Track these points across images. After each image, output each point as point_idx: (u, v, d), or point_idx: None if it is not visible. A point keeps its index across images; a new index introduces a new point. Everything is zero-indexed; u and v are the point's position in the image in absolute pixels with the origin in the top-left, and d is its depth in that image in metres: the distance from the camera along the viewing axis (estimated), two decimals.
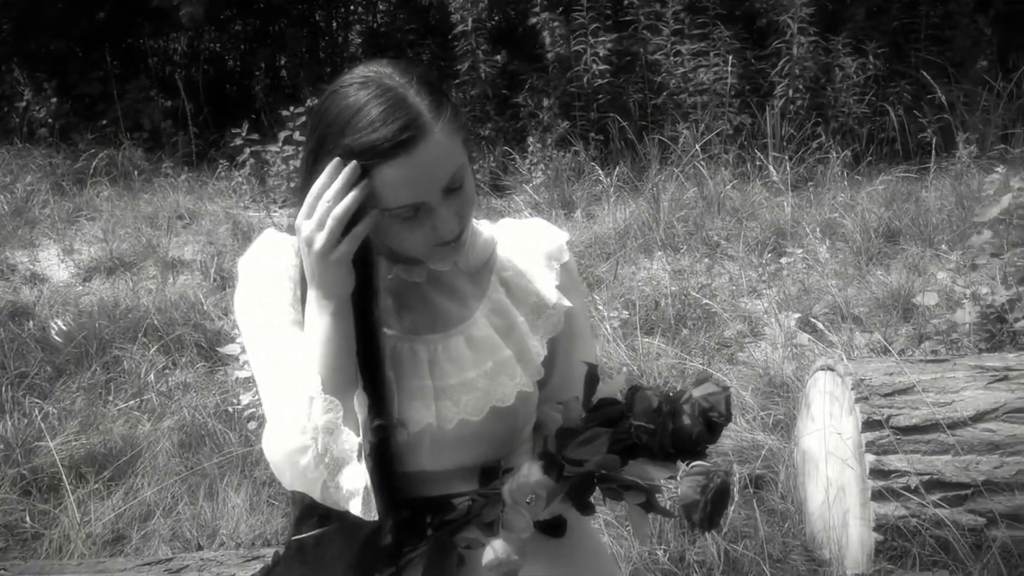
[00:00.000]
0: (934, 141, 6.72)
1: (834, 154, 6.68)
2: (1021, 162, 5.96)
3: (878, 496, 2.39)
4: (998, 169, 4.32)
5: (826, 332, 4.28)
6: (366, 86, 1.19)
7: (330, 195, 1.19)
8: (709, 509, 1.16)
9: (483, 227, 1.39)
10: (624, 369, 3.84)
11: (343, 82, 1.21)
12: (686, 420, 1.19)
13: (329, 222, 1.18)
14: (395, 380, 1.28)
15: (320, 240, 1.19)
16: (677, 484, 1.19)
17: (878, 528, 2.37)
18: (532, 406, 1.37)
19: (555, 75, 7.19)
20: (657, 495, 1.24)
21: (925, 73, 6.97)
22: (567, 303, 1.37)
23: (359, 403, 1.23)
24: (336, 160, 1.19)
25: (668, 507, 1.25)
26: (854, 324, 4.52)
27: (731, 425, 3.49)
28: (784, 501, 3.07)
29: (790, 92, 7.19)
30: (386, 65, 1.22)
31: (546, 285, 1.37)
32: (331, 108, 1.20)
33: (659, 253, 5.36)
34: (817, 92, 7.38)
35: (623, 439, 1.21)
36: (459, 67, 7.06)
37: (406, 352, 1.29)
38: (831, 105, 7.34)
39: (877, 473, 2.40)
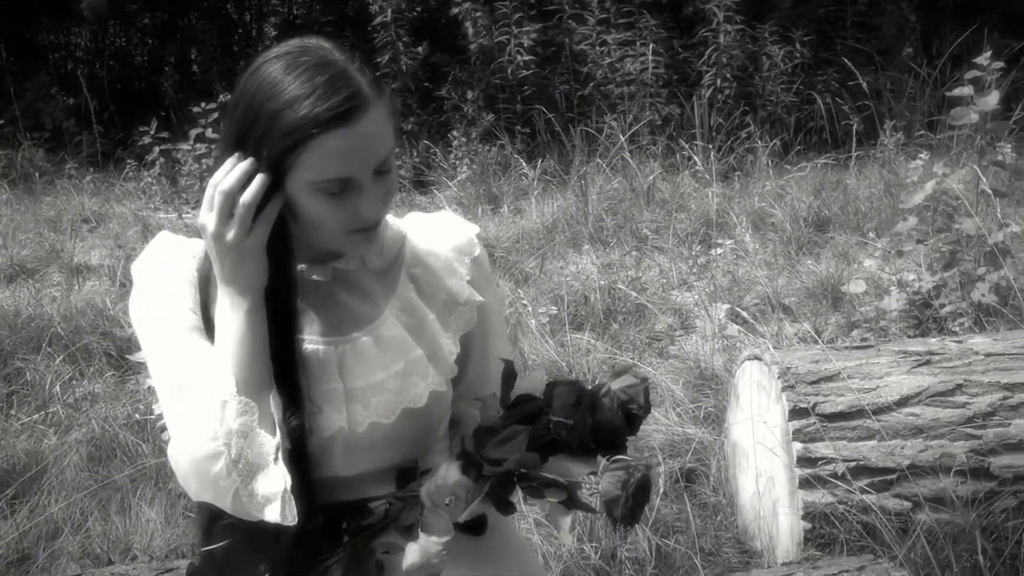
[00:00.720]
0: (854, 129, 6.91)
1: (760, 143, 6.82)
2: (946, 148, 6.16)
3: (806, 484, 2.45)
4: (922, 155, 4.46)
5: (756, 323, 4.39)
6: (305, 55, 1.20)
7: (230, 183, 1.19)
8: (631, 504, 1.17)
9: (391, 222, 1.40)
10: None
11: (277, 53, 1.22)
12: (605, 414, 1.21)
13: (239, 210, 1.19)
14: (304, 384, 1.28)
15: (232, 230, 1.19)
16: (598, 480, 1.21)
17: (806, 516, 2.44)
18: (446, 405, 1.38)
19: (479, 67, 7.21)
20: (578, 491, 1.25)
21: (847, 61, 7.15)
22: (479, 298, 1.38)
23: (275, 404, 1.23)
24: (236, 155, 1.20)
25: (590, 503, 1.27)
26: (784, 314, 4.63)
27: (662, 419, 3.56)
28: (716, 494, 3.13)
29: (718, 81, 7.32)
30: (323, 40, 1.23)
31: (457, 281, 1.37)
32: (265, 79, 1.19)
33: (587, 247, 5.41)
34: (745, 81, 7.54)
35: (542, 435, 1.23)
36: (379, 60, 7.05)
37: (314, 355, 1.29)
38: (759, 94, 7.51)
39: (804, 461, 2.47)
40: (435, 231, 1.41)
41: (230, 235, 1.20)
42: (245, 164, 1.19)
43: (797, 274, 5.08)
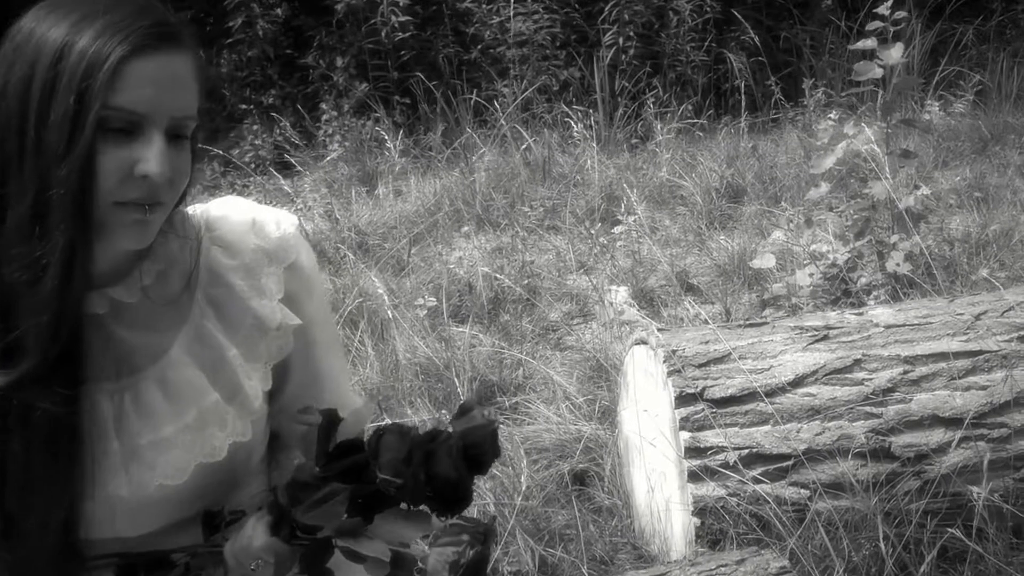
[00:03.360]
0: (771, 89, 7.10)
1: (660, 108, 6.95)
2: (869, 106, 6.38)
3: (694, 476, 2.54)
4: (831, 115, 4.63)
5: (661, 306, 4.50)
6: None
7: None
8: None
9: (181, 229, 1.29)
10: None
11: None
12: (442, 467, 1.16)
13: None
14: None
15: None
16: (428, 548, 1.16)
17: (697, 511, 2.53)
18: (253, 446, 1.32)
19: (348, 30, 7.21)
20: (409, 554, 1.18)
21: (753, 17, 7.33)
22: (295, 321, 1.30)
23: None
24: None
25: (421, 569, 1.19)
26: (693, 295, 4.76)
27: (553, 418, 3.63)
28: (611, 496, 3.21)
29: (620, 40, 7.45)
30: None
31: (266, 302, 1.28)
32: (40, 26, 1.12)
33: (466, 228, 5.47)
34: (650, 40, 7.68)
35: (368, 490, 1.18)
36: (231, 24, 6.98)
37: (83, 408, 1.18)
38: (666, 54, 7.66)
39: (693, 451, 2.56)
40: (238, 235, 1.30)
41: None
42: None
43: (708, 251, 5.22)
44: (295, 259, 1.31)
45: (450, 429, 1.19)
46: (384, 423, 1.23)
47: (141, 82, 1.10)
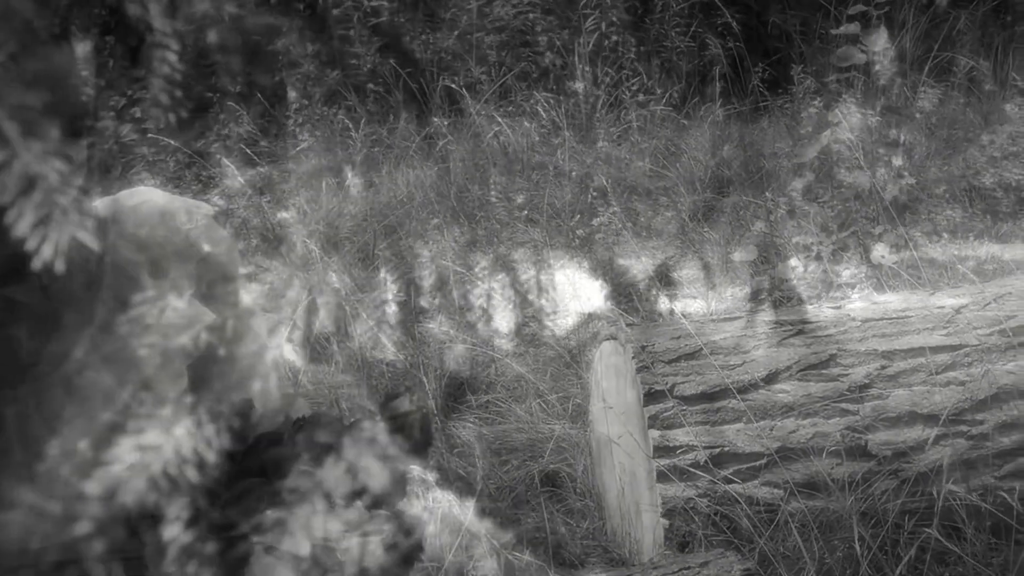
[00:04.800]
0: (758, 76, 7.10)
1: (637, 96, 6.96)
2: (849, 91, 6.39)
3: (663, 477, 2.55)
4: (815, 103, 4.65)
5: (640, 301, 4.51)
6: None
7: None
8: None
9: (83, 218, 1.23)
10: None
11: None
12: (367, 458, 1.17)
13: None
14: None
15: None
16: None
17: (666, 513, 2.54)
18: (170, 448, 1.25)
19: (319, 15, 7.18)
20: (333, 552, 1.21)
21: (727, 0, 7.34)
22: (209, 317, 1.29)
23: None
24: None
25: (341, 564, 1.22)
26: (674, 289, 4.77)
27: (525, 417, 3.64)
28: (583, 498, 3.22)
29: (603, 26, 7.44)
30: None
31: (176, 296, 1.28)
32: None
33: (436, 221, 5.47)
34: (635, 25, 7.67)
35: (288, 483, 1.18)
36: (193, 10, 6.95)
37: None
38: (651, 39, 7.65)
39: (662, 451, 2.56)
40: (146, 229, 1.30)
41: None
42: None
43: (691, 243, 5.23)
44: (209, 251, 1.31)
45: (378, 417, 1.19)
46: (306, 414, 1.19)
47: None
